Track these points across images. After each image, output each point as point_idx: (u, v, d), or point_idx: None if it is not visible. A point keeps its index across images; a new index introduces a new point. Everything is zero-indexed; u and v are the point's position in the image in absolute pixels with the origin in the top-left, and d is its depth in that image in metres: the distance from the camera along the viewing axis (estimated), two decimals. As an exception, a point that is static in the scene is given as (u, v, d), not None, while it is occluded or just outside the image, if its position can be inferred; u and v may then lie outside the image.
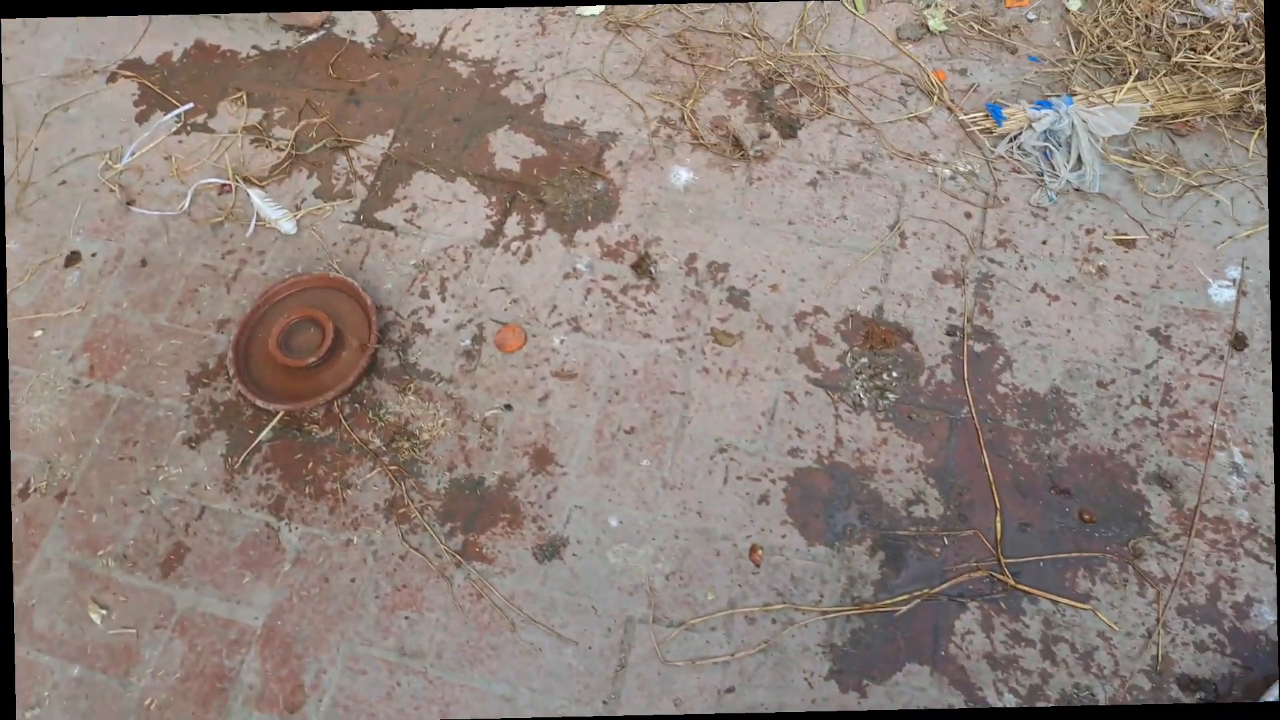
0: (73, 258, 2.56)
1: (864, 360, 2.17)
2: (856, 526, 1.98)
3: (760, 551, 1.96)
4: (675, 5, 2.91)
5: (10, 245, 2.60)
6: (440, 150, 2.67)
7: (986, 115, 2.49)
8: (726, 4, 2.88)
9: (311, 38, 2.98)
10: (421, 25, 2.95)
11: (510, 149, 2.64)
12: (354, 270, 2.45)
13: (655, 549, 1.99)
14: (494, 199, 2.55)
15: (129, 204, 2.64)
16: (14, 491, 2.16)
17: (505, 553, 2.01)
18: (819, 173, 2.48)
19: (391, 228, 2.53)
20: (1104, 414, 2.06)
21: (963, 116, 2.52)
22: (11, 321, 2.44)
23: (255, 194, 2.59)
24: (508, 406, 2.20)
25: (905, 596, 1.90)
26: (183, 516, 2.11)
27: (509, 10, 2.96)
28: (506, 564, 2.00)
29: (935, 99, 2.57)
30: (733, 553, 1.98)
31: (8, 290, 2.50)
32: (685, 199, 2.49)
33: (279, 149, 2.71)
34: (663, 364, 2.22)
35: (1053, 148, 2.39)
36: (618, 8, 2.92)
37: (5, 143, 2.82)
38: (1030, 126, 2.43)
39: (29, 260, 2.56)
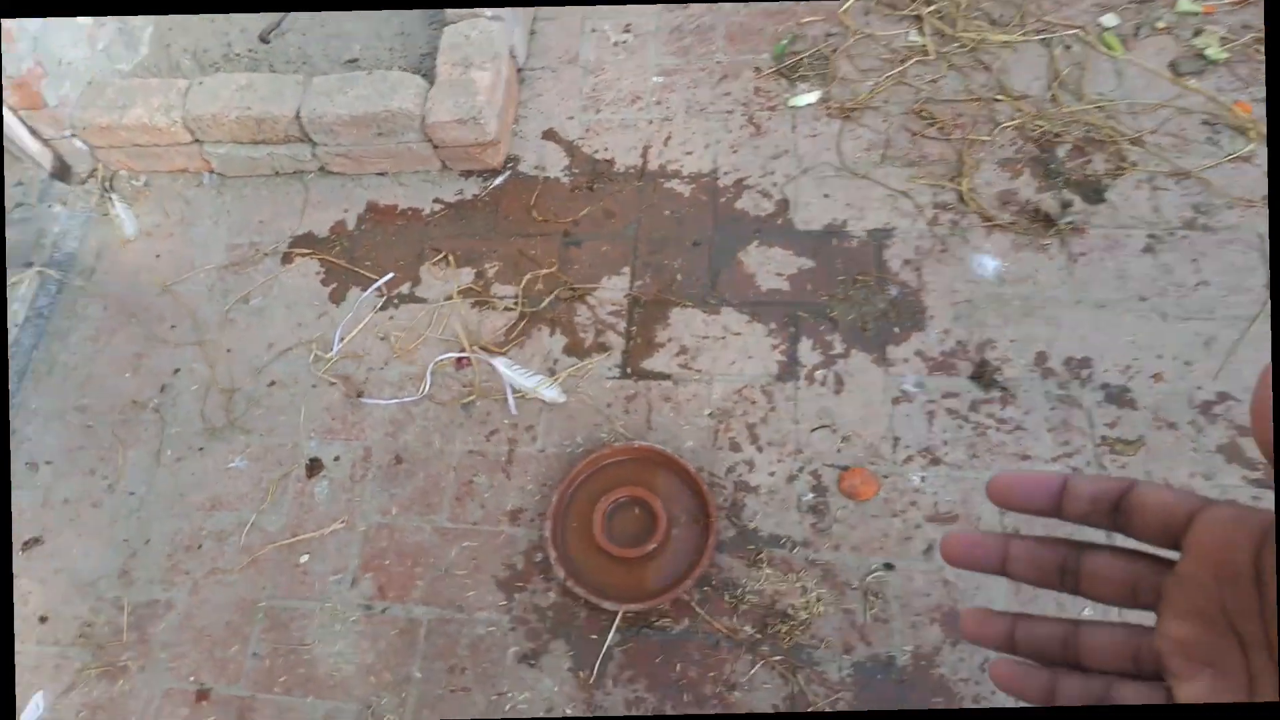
0: (314, 465, 2.44)
1: (1313, 447, 1.96)
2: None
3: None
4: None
5: (237, 462, 2.48)
6: (690, 281, 2.55)
7: (1332, 141, 2.34)
8: (960, 69, 2.80)
9: (499, 180, 2.92)
10: (616, 148, 2.88)
11: (770, 266, 2.52)
12: (642, 431, 2.30)
13: None
14: (773, 325, 2.42)
15: (359, 396, 2.54)
16: (340, 758, 1.98)
17: (959, 751, 1.78)
18: (1151, 236, 2.33)
19: (666, 376, 2.39)
20: None
21: (1297, 147, 2.37)
22: (270, 549, 2.30)
23: (500, 363, 2.48)
24: (888, 566, 2.00)
25: None
26: (551, 756, 1.92)
27: (711, 116, 2.89)
28: (966, 766, 1.77)
29: (1252, 134, 2.43)
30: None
31: (255, 515, 2.38)
32: (1003, 290, 2.33)
33: (508, 309, 2.61)
34: (1058, 487, 2.02)
35: None
36: (833, 94, 2.85)
37: (191, 348, 2.75)
38: (1391, 145, 2.27)
39: (265, 477, 2.44)
